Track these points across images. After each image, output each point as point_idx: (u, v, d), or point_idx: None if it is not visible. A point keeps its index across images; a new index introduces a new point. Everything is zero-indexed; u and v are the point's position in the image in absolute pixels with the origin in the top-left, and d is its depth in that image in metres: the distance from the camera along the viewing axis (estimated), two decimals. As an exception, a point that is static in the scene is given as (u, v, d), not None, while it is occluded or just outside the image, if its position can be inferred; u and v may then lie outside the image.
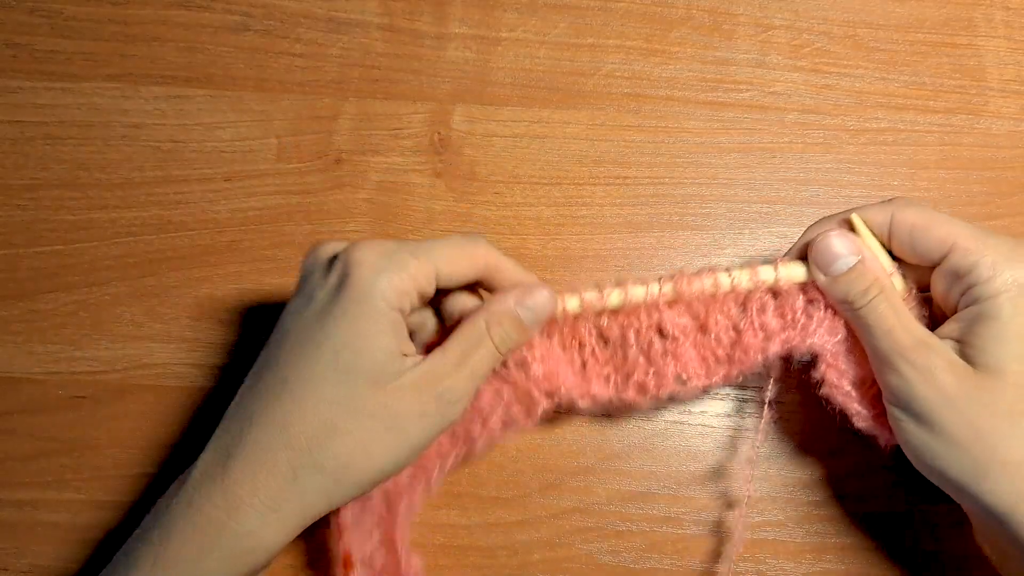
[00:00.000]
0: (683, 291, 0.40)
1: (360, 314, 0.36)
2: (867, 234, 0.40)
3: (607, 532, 0.47)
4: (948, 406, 0.36)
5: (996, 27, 0.53)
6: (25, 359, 0.49)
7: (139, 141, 0.51)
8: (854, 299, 0.38)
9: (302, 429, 0.35)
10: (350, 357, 0.36)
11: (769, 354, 0.40)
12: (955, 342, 0.37)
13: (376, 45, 0.53)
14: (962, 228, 0.37)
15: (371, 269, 0.36)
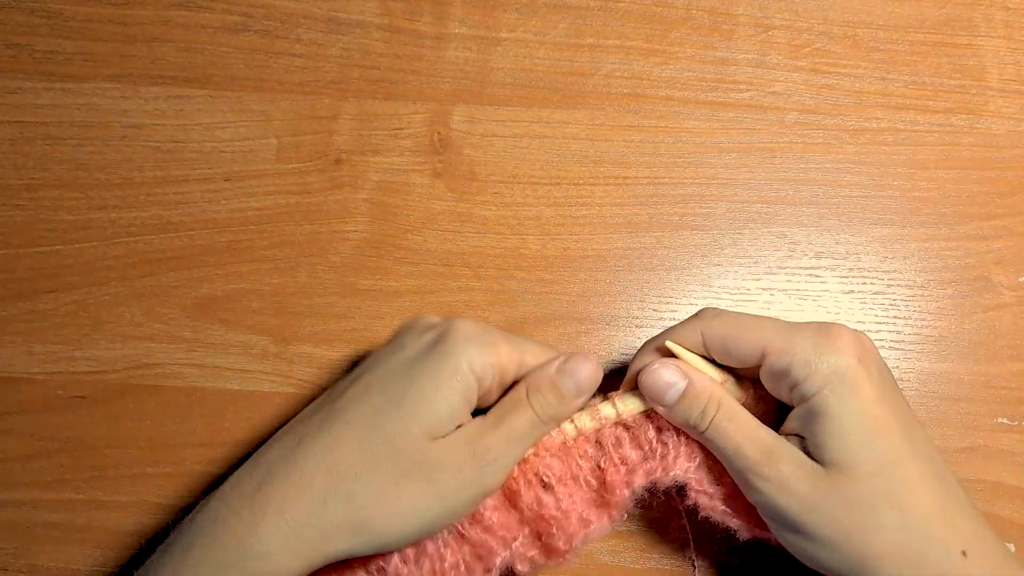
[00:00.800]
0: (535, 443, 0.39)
1: (442, 368, 0.36)
2: (686, 354, 0.39)
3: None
4: (811, 512, 0.36)
5: (996, 27, 0.53)
6: (25, 359, 0.49)
7: (139, 141, 0.51)
8: (696, 422, 0.38)
9: (345, 457, 0.35)
10: (415, 403, 0.36)
11: (635, 487, 0.40)
12: (800, 438, 0.37)
13: (376, 45, 0.53)
14: (768, 329, 0.37)
15: (465, 335, 0.37)
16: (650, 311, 0.49)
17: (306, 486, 0.35)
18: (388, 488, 0.36)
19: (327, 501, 0.35)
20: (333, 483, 0.35)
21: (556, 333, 0.49)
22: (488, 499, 0.39)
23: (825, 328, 0.37)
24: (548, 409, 0.38)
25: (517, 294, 0.50)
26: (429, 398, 0.36)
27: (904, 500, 0.35)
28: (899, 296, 0.49)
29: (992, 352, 0.48)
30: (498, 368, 0.37)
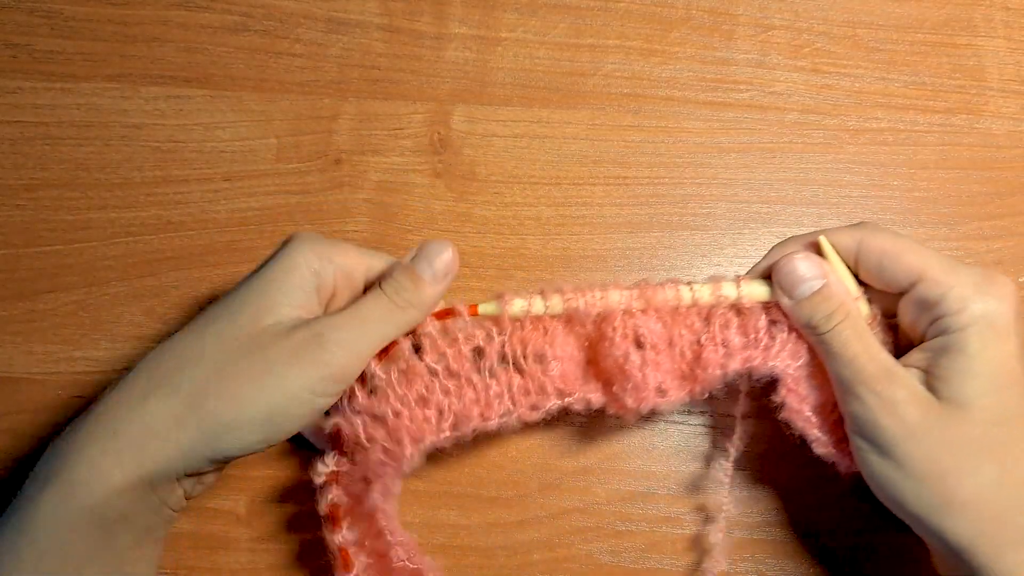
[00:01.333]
0: (648, 299, 0.39)
1: (274, 266, 0.37)
2: (834, 257, 0.39)
3: (607, 532, 0.47)
4: (911, 439, 0.35)
5: (996, 27, 0.53)
6: (25, 359, 0.49)
7: (138, 141, 0.51)
8: (818, 324, 0.37)
9: (170, 357, 0.35)
10: (246, 296, 0.36)
11: (729, 371, 0.39)
12: (921, 372, 0.37)
13: (376, 45, 0.53)
14: (932, 258, 0.37)
15: (303, 238, 0.37)
16: (650, 311, 0.49)
17: (127, 390, 0.34)
18: (215, 377, 0.34)
19: (147, 398, 0.34)
20: (155, 380, 0.34)
21: (556, 333, 0.49)
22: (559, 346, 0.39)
23: (991, 274, 0.36)
24: (402, 292, 0.37)
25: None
26: (261, 290, 0.36)
27: (1009, 458, 0.35)
28: (899, 296, 0.49)
29: (992, 352, 0.48)
30: (341, 266, 0.37)
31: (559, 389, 0.40)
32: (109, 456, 0.33)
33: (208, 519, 0.47)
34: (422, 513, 0.47)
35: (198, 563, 0.46)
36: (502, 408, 0.39)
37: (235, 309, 0.36)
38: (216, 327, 0.36)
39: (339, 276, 0.38)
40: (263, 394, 0.34)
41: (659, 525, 0.47)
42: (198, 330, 0.36)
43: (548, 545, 0.47)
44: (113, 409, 0.34)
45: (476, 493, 0.47)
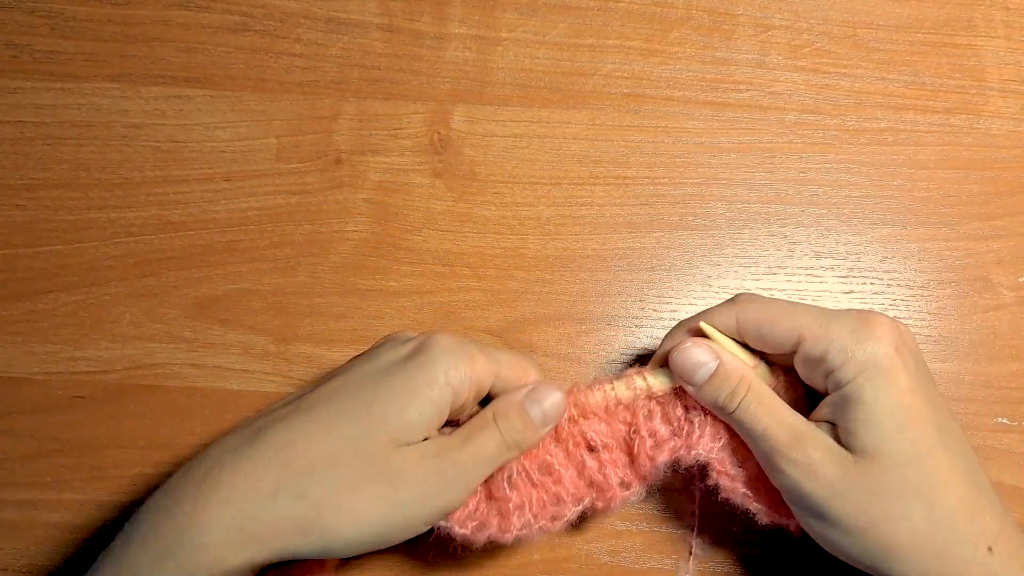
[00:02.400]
0: (582, 405, 0.40)
1: (417, 377, 0.36)
2: (719, 336, 0.40)
3: (607, 532, 0.47)
4: (837, 498, 0.36)
5: (996, 27, 0.53)
6: (25, 359, 0.49)
7: (139, 141, 0.51)
8: (725, 404, 0.38)
9: (304, 452, 0.35)
10: (385, 408, 0.35)
11: (658, 462, 0.40)
12: (830, 425, 0.37)
13: (376, 45, 0.53)
14: (805, 316, 0.37)
15: (443, 348, 0.37)
16: (650, 311, 0.49)
17: (257, 478, 0.34)
18: (344, 489, 0.34)
19: (278, 495, 0.34)
20: (286, 478, 0.34)
21: (556, 333, 0.49)
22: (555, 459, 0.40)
23: (863, 316, 0.37)
24: (514, 434, 0.38)
25: (517, 294, 0.50)
26: (400, 404, 0.36)
27: (933, 492, 0.35)
28: (899, 296, 0.49)
29: (992, 352, 0.48)
30: (475, 380, 0.37)
31: (574, 495, 0.40)
32: (232, 546, 0.33)
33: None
34: (422, 513, 0.47)
35: None
36: (522, 521, 0.39)
37: (374, 418, 0.35)
38: (350, 432, 0.35)
39: (472, 389, 0.38)
40: (384, 520, 0.35)
41: (659, 525, 0.47)
42: (330, 426, 0.35)
43: (548, 545, 0.47)
44: (241, 496, 0.34)
45: (476, 493, 0.47)
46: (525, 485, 0.40)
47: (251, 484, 0.34)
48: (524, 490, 0.40)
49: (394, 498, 0.35)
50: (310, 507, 0.34)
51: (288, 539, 0.34)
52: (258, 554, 0.34)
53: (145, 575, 0.33)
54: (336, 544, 0.35)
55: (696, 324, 0.40)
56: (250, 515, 0.34)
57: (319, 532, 0.34)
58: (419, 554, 0.46)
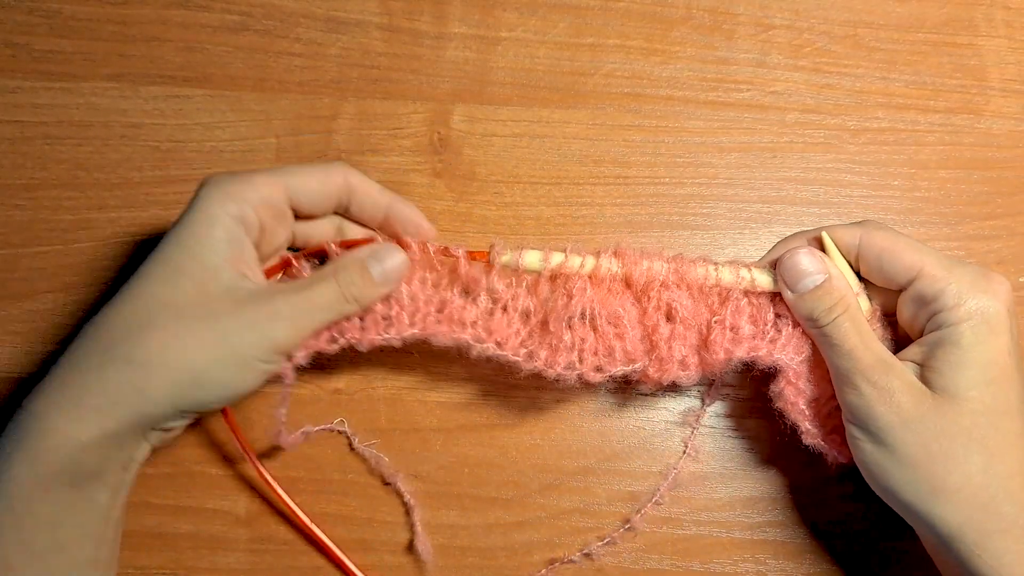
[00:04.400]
0: (683, 273, 0.40)
1: (195, 221, 0.37)
2: (836, 253, 0.40)
3: (607, 532, 0.47)
4: (904, 427, 0.36)
5: (997, 27, 0.53)
6: (25, 359, 0.49)
7: (138, 141, 0.51)
8: (819, 317, 0.39)
9: (120, 323, 0.36)
10: (180, 259, 0.37)
11: (734, 357, 0.40)
12: (917, 365, 0.38)
13: (376, 45, 0.53)
14: (930, 255, 0.38)
15: (214, 184, 0.38)
16: (650, 311, 0.49)
17: (83, 358, 0.36)
18: (167, 343, 0.35)
19: (104, 366, 0.35)
20: (107, 349, 0.35)
21: (556, 333, 0.49)
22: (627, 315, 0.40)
23: (986, 271, 0.38)
24: (352, 288, 0.39)
25: (517, 294, 0.49)
26: (192, 252, 0.37)
27: (997, 448, 0.36)
28: (900, 296, 0.49)
29: (993, 352, 0.48)
30: (261, 201, 0.38)
31: (628, 355, 0.40)
32: (74, 422, 0.35)
33: (208, 519, 0.47)
34: (422, 513, 0.47)
35: (198, 563, 0.46)
36: (566, 361, 0.40)
37: (172, 272, 0.37)
38: (158, 291, 0.36)
39: (262, 211, 0.38)
40: (218, 360, 0.36)
41: (659, 525, 0.47)
42: (138, 293, 0.37)
43: (548, 545, 0.47)
44: (72, 380, 0.35)
45: (476, 493, 0.47)
46: (585, 328, 0.40)
47: (77, 366, 0.36)
48: (581, 332, 0.40)
49: (222, 338, 0.36)
50: (138, 367, 0.35)
51: (130, 403, 0.35)
52: (106, 424, 0.35)
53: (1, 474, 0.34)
54: (181, 396, 0.36)
55: (817, 234, 0.40)
56: (83, 389, 0.35)
57: (157, 388, 0.36)
58: (419, 554, 0.46)
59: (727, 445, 0.48)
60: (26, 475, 0.34)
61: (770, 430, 0.47)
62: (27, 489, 0.34)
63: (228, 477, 0.47)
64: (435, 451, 0.48)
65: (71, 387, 0.35)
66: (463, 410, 0.48)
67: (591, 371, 0.40)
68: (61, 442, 0.34)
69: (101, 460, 0.36)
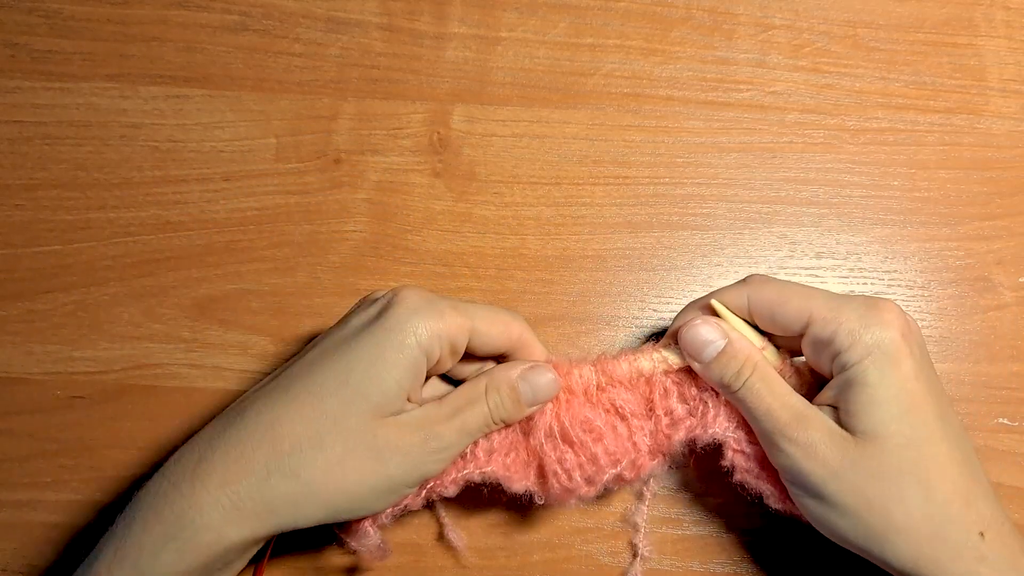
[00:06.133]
0: (610, 373, 0.41)
1: (387, 343, 0.36)
2: (730, 316, 0.40)
3: (607, 532, 0.47)
4: (835, 479, 0.36)
5: (996, 27, 0.53)
6: (23, 359, 0.49)
7: (137, 141, 0.51)
8: (730, 382, 0.39)
9: (289, 432, 0.36)
10: (361, 379, 0.36)
11: (675, 441, 0.40)
12: (832, 408, 0.38)
13: (375, 45, 0.53)
14: (816, 299, 0.38)
15: (410, 307, 0.37)
16: (650, 311, 0.49)
17: (248, 460, 0.35)
18: (333, 466, 0.36)
19: (270, 476, 0.35)
20: (276, 459, 0.35)
21: (556, 333, 0.49)
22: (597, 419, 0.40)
23: (872, 302, 0.38)
24: (501, 412, 0.39)
25: (517, 294, 0.49)
26: (375, 375, 0.36)
27: (930, 477, 0.36)
28: (899, 296, 0.49)
29: (992, 352, 0.48)
30: (447, 338, 0.37)
31: (611, 455, 0.40)
32: (232, 525, 0.35)
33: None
34: (422, 513, 0.47)
35: None
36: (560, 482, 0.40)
37: (351, 392, 0.36)
38: (331, 408, 0.36)
39: (444, 346, 0.38)
40: (374, 491, 0.37)
41: (659, 525, 0.47)
42: (313, 404, 0.36)
43: (548, 545, 0.46)
44: (235, 478, 0.35)
45: (476, 493, 0.47)
46: (560, 446, 0.40)
47: (243, 466, 0.35)
48: (559, 452, 0.40)
49: (382, 471, 0.36)
50: (302, 485, 0.35)
51: (284, 515, 0.36)
52: (257, 530, 0.35)
53: (148, 557, 0.34)
54: (331, 515, 0.37)
55: (707, 302, 0.40)
56: (246, 496, 0.35)
57: (313, 507, 0.36)
58: (419, 554, 0.46)
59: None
60: (174, 564, 0.34)
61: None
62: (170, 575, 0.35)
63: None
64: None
65: (235, 489, 0.35)
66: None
67: (584, 485, 0.40)
68: (214, 541, 0.35)
69: (240, 554, 0.37)
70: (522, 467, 0.41)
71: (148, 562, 0.34)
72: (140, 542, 0.35)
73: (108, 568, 0.35)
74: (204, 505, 0.35)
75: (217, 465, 0.35)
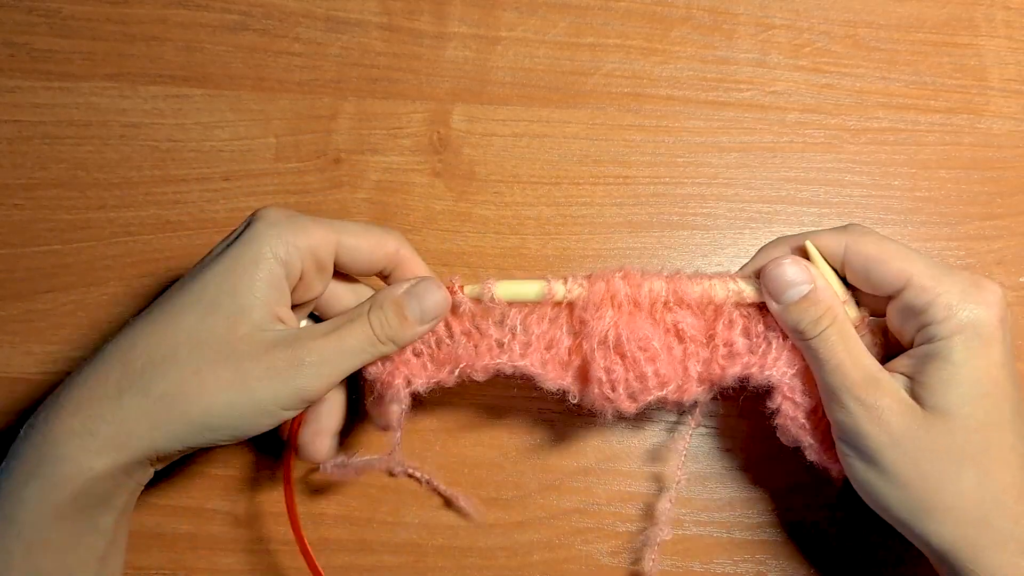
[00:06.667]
0: (682, 293, 0.39)
1: (241, 256, 0.36)
2: (821, 261, 0.39)
3: (607, 532, 0.46)
4: (894, 447, 0.35)
5: (997, 27, 0.53)
6: (22, 359, 0.49)
7: (137, 141, 0.51)
8: (805, 329, 0.37)
9: (143, 351, 0.35)
10: (216, 292, 0.35)
11: (728, 374, 0.40)
12: (906, 378, 0.37)
13: (375, 45, 0.53)
14: (919, 263, 0.37)
15: (268, 222, 0.37)
16: (650, 311, 0.49)
17: (101, 384, 0.35)
18: (187, 379, 0.35)
19: (122, 395, 0.34)
20: (127, 377, 0.35)
21: (556, 333, 0.49)
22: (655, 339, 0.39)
23: (977, 280, 0.36)
24: (387, 329, 0.37)
25: (517, 294, 0.49)
26: (231, 287, 0.35)
27: (991, 464, 0.35)
28: (900, 296, 0.49)
29: (993, 352, 0.48)
30: (308, 250, 0.37)
31: (660, 377, 0.39)
32: (90, 452, 0.34)
33: (208, 519, 0.47)
34: (422, 513, 0.47)
35: (198, 563, 0.46)
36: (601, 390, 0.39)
37: (205, 305, 0.35)
38: (187, 323, 0.35)
39: (308, 260, 0.37)
40: (236, 405, 0.35)
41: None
42: (167, 322, 0.36)
43: (548, 545, 0.46)
44: (88, 403, 0.35)
45: (475, 494, 0.47)
46: (611, 356, 0.39)
47: (95, 391, 0.35)
48: (609, 361, 0.39)
49: (241, 382, 0.35)
50: (155, 400, 0.34)
51: (144, 436, 0.35)
52: (119, 457, 0.34)
53: (13, 500, 0.34)
54: (196, 435, 0.35)
55: (801, 243, 0.39)
56: (99, 419, 0.34)
57: (173, 425, 0.35)
58: (420, 554, 0.46)
59: (725, 445, 0.47)
60: (38, 502, 0.34)
61: (767, 431, 0.47)
62: (39, 516, 0.34)
63: (228, 477, 0.47)
64: (435, 451, 0.47)
65: (88, 414, 0.34)
66: (463, 410, 0.48)
67: (625, 400, 0.39)
68: (75, 472, 0.34)
69: (111, 488, 0.35)
70: (559, 366, 0.40)
71: (13, 505, 0.34)
72: (5, 487, 0.34)
73: None
74: (58, 436, 0.34)
75: (72, 395, 0.35)
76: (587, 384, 0.39)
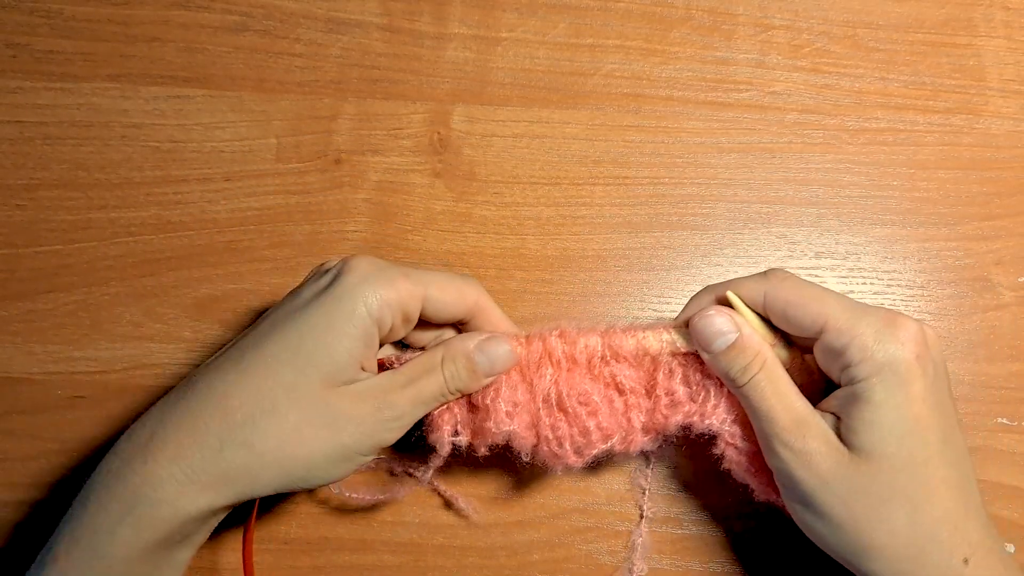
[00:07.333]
0: (616, 347, 0.40)
1: (337, 311, 0.36)
2: (744, 310, 0.39)
3: (607, 532, 0.47)
4: (825, 489, 0.36)
5: (996, 27, 0.53)
6: (24, 359, 0.49)
7: (138, 141, 0.51)
8: (736, 376, 0.38)
9: (242, 403, 0.35)
10: (312, 348, 0.36)
11: (671, 423, 0.40)
12: (835, 417, 0.37)
13: (376, 45, 0.53)
14: (835, 306, 0.37)
15: (360, 276, 0.37)
16: (650, 311, 0.49)
17: (201, 433, 0.35)
18: (287, 435, 0.36)
19: (223, 448, 0.35)
20: (228, 431, 0.35)
21: (556, 333, 0.49)
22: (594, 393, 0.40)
23: (891, 317, 0.37)
24: (457, 382, 0.39)
25: (517, 294, 0.50)
26: (326, 344, 0.36)
27: (920, 499, 0.35)
28: (899, 296, 0.49)
29: (992, 352, 0.48)
30: (398, 306, 0.37)
31: (603, 431, 0.40)
32: (188, 498, 0.35)
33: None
34: (422, 513, 0.47)
35: (198, 563, 0.46)
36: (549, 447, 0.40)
37: (303, 360, 0.36)
38: (285, 378, 0.36)
39: (396, 315, 0.38)
40: (329, 459, 0.37)
41: (659, 525, 0.47)
42: (264, 374, 0.36)
43: (548, 545, 0.47)
44: (188, 450, 0.35)
45: (475, 493, 0.47)
46: (555, 412, 0.40)
47: (195, 439, 0.35)
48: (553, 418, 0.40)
49: (335, 439, 0.36)
50: (256, 455, 0.35)
51: (242, 484, 0.36)
52: (215, 500, 0.35)
53: (105, 536, 0.34)
54: (288, 484, 0.37)
55: (723, 292, 0.40)
56: (200, 468, 0.35)
57: (269, 476, 0.36)
58: (419, 554, 0.46)
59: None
60: (131, 539, 0.34)
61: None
62: (129, 552, 0.34)
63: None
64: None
65: (189, 463, 0.35)
66: (463, 410, 0.48)
67: (572, 455, 0.40)
68: (171, 515, 0.35)
69: (199, 527, 0.36)
70: (526, 428, 0.41)
71: (105, 541, 0.34)
72: (95, 522, 0.35)
73: (66, 551, 0.34)
74: (158, 480, 0.34)
75: (169, 439, 0.35)
76: (537, 442, 0.40)
